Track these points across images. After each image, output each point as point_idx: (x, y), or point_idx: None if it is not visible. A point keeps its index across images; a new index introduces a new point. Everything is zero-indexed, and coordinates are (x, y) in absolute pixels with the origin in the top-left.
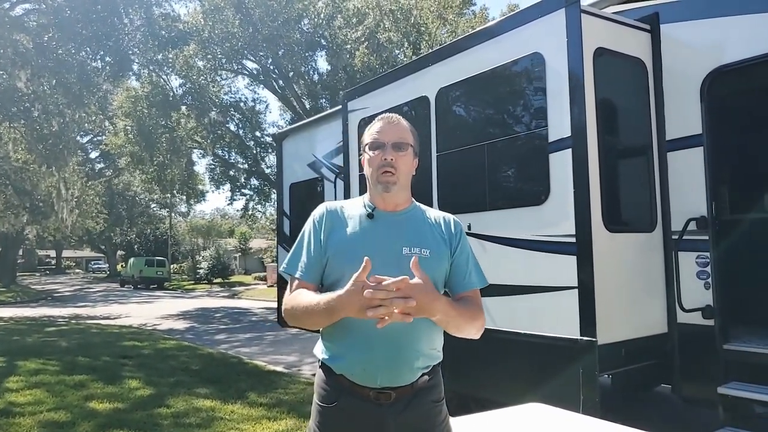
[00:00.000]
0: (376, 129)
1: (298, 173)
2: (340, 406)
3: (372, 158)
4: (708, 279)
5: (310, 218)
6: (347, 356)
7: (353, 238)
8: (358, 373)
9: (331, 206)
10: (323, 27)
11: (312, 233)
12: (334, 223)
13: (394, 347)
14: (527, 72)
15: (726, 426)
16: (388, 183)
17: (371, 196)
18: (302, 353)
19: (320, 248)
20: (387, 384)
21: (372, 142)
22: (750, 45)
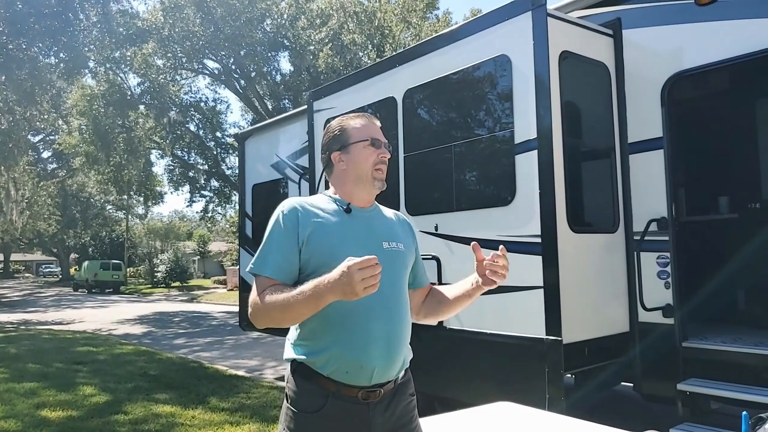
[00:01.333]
0: (367, 126)
1: (262, 174)
2: (325, 413)
3: (369, 154)
4: (668, 278)
5: (276, 215)
6: (343, 356)
7: (334, 234)
8: (353, 371)
9: (299, 202)
10: (286, 27)
11: (284, 230)
12: (310, 219)
13: (390, 339)
14: (494, 74)
15: (685, 422)
16: (382, 179)
17: (345, 193)
18: (264, 357)
19: (296, 246)
20: (379, 380)
21: (374, 138)
22: (706, 52)
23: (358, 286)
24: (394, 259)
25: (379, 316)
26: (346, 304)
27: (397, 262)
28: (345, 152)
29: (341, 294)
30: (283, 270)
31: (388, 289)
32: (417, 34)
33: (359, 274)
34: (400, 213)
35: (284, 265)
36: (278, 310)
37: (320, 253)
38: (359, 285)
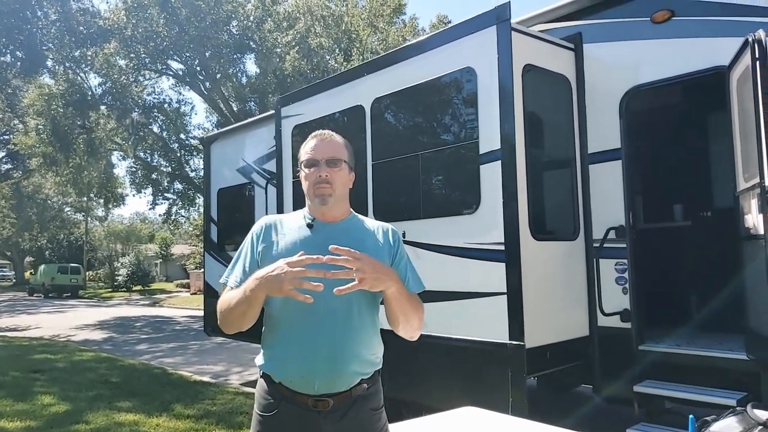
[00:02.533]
0: (310, 146)
1: (227, 178)
2: (279, 415)
3: (308, 175)
4: (625, 284)
5: (251, 230)
6: (287, 363)
7: (292, 248)
8: (297, 380)
9: (270, 219)
10: (252, 30)
11: (249, 246)
12: (272, 236)
13: (333, 353)
14: (460, 85)
15: (641, 422)
16: (324, 195)
17: (310, 209)
18: (229, 363)
19: (255, 260)
20: (324, 391)
21: (307, 159)
22: (662, 68)
23: (285, 284)
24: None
25: (326, 329)
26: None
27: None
28: (301, 171)
29: (267, 288)
30: (243, 282)
31: (336, 303)
32: (384, 38)
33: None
34: (387, 225)
35: (245, 277)
36: (228, 311)
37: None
38: (286, 282)
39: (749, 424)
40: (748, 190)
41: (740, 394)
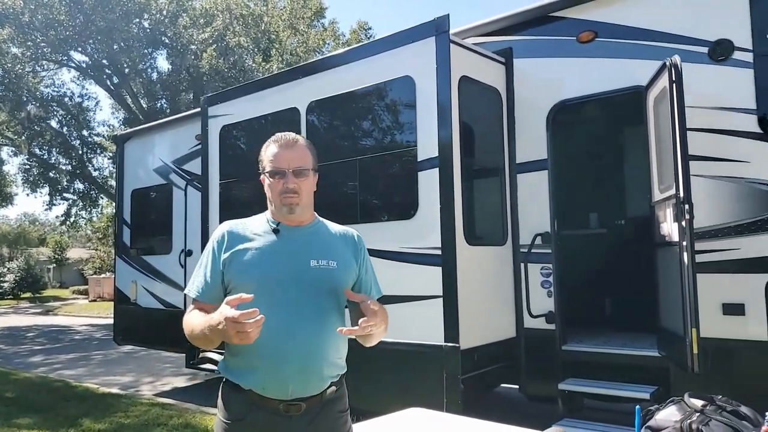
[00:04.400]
0: (274, 154)
1: (143, 178)
2: (247, 421)
3: (273, 184)
4: (550, 287)
5: (211, 238)
6: (258, 371)
7: (259, 255)
8: (269, 386)
9: (232, 225)
10: (166, 25)
11: (210, 254)
12: (236, 241)
13: (306, 356)
14: (398, 93)
15: (565, 418)
16: (291, 205)
17: (274, 213)
18: (139, 372)
19: (219, 269)
20: (298, 395)
21: (272, 170)
22: (586, 85)
23: (234, 338)
24: (321, 278)
25: (296, 333)
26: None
27: (324, 280)
28: (265, 178)
29: (222, 337)
30: (206, 292)
31: (307, 307)
32: (304, 41)
33: (233, 327)
34: (351, 230)
35: (207, 287)
36: (193, 338)
37: (239, 274)
38: (234, 337)
39: (686, 411)
40: (663, 200)
41: (653, 387)
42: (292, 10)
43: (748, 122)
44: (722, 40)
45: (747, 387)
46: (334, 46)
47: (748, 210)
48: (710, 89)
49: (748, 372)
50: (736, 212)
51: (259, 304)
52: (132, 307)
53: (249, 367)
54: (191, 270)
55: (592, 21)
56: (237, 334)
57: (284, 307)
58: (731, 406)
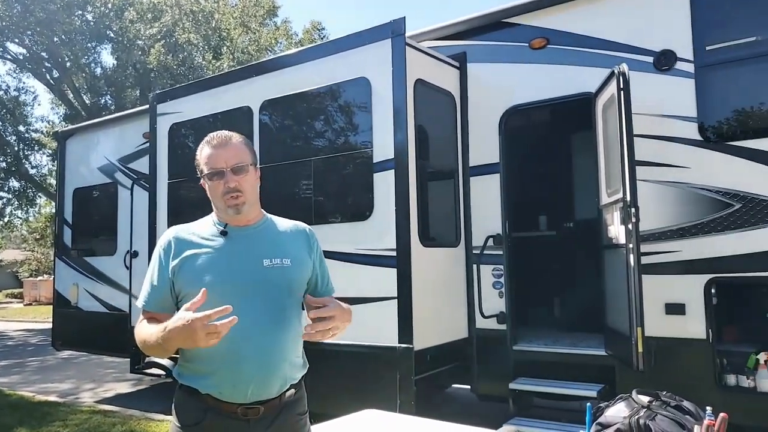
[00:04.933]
0: (208, 155)
1: (86, 177)
2: (204, 427)
3: (214, 186)
4: (502, 288)
5: (156, 247)
6: (215, 375)
7: (209, 259)
8: (227, 390)
9: (178, 231)
10: (111, 18)
11: (158, 262)
12: (184, 248)
13: (264, 360)
14: (354, 95)
15: (515, 417)
16: (237, 206)
17: (220, 216)
18: (79, 379)
19: (167, 277)
20: (257, 398)
21: (210, 171)
22: (537, 90)
23: (200, 341)
24: (275, 277)
25: (252, 335)
26: None
27: (279, 279)
28: (205, 182)
29: (181, 343)
30: (156, 302)
31: (263, 307)
32: (256, 39)
33: (203, 329)
34: (301, 224)
35: (157, 297)
36: (146, 348)
37: (190, 281)
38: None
39: (634, 407)
40: (611, 204)
41: (599, 385)
42: (244, 8)
43: (689, 130)
44: (666, 50)
45: (687, 383)
46: (286, 45)
47: (690, 214)
48: (655, 97)
49: (688, 369)
50: (679, 216)
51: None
52: (73, 311)
53: (206, 371)
54: (137, 271)
55: (544, 28)
56: (207, 335)
57: (239, 310)
58: (675, 401)
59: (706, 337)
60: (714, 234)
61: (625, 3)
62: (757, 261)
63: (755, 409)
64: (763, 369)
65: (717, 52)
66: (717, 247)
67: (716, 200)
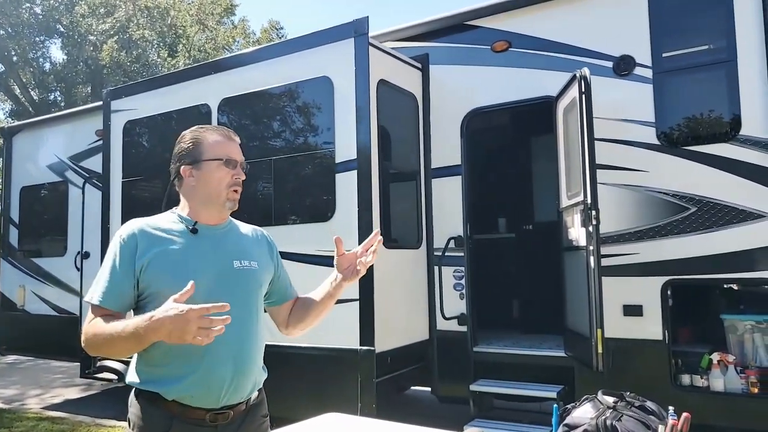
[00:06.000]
0: (222, 144)
1: (33, 175)
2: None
3: (222, 175)
4: (462, 290)
5: (114, 241)
6: (187, 378)
7: (181, 256)
8: (199, 395)
9: (142, 225)
10: (61, 12)
11: (119, 257)
12: (151, 243)
13: (239, 362)
14: (316, 94)
15: (476, 418)
16: (236, 200)
17: (193, 211)
18: (24, 384)
19: (132, 276)
20: (229, 402)
21: (228, 159)
22: (499, 93)
23: (189, 335)
24: (246, 279)
25: (226, 337)
26: None
27: (249, 281)
28: (196, 168)
29: (166, 336)
30: (114, 299)
31: (236, 309)
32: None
33: (197, 322)
34: (259, 229)
35: (116, 294)
36: (105, 345)
37: (161, 280)
38: (191, 333)
39: (600, 407)
40: (571, 206)
41: (559, 387)
42: (200, 6)
43: (647, 134)
44: (625, 56)
45: (644, 383)
46: (243, 44)
47: (647, 217)
48: (615, 102)
49: (645, 369)
50: (637, 219)
51: None
52: (19, 314)
53: (176, 374)
54: (88, 273)
55: (506, 31)
56: (198, 330)
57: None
58: (639, 401)
59: (662, 338)
60: (670, 237)
61: (586, 8)
62: (711, 263)
63: (709, 408)
64: (716, 369)
65: (674, 59)
66: (673, 249)
67: (673, 203)
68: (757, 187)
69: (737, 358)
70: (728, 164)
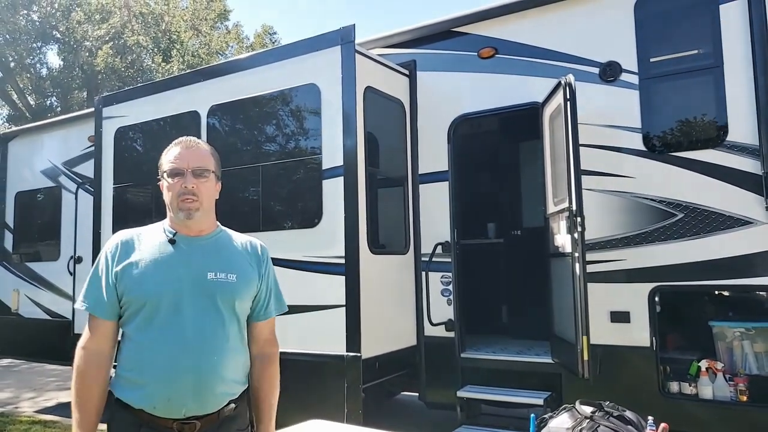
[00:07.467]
0: (174, 155)
1: (28, 180)
2: None
3: (172, 185)
4: (450, 296)
5: (103, 248)
6: (149, 387)
7: (152, 266)
8: (162, 405)
9: (125, 235)
10: (57, 18)
11: (103, 266)
12: (129, 253)
13: (201, 374)
14: (303, 101)
15: (463, 425)
16: (189, 210)
17: (172, 222)
18: (18, 388)
19: (111, 281)
20: (193, 413)
21: (171, 169)
22: (486, 99)
23: None
24: (218, 291)
25: (189, 350)
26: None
27: (222, 294)
28: (163, 181)
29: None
30: (100, 306)
31: (203, 321)
32: (207, 43)
33: None
34: (256, 241)
35: (101, 301)
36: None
37: (130, 287)
38: None
39: (577, 418)
40: (557, 213)
41: (546, 393)
42: (194, 11)
43: (634, 140)
44: (612, 62)
45: (632, 390)
46: (237, 49)
47: (634, 223)
48: (601, 108)
49: (633, 376)
50: (623, 225)
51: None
52: (13, 318)
53: (140, 384)
54: (81, 277)
55: (492, 38)
56: None
57: (178, 323)
58: (617, 411)
59: (650, 345)
60: (657, 243)
61: (572, 14)
62: (699, 270)
63: (697, 415)
64: (705, 376)
65: (660, 65)
66: (660, 256)
67: (660, 210)
68: (745, 193)
69: (726, 366)
70: (715, 170)
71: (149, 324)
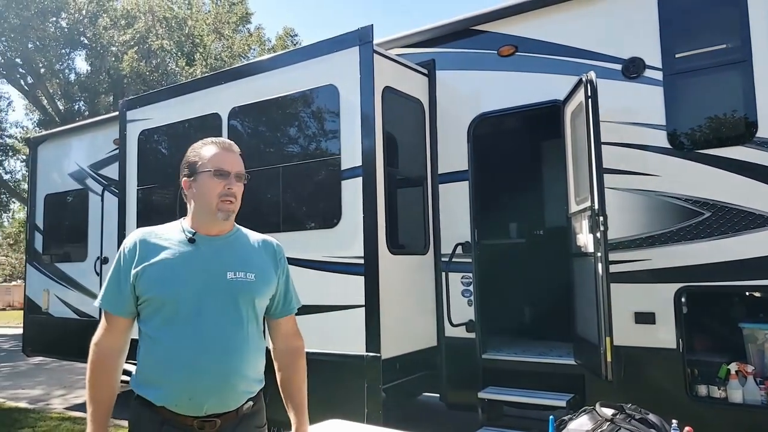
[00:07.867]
0: (216, 155)
1: (57, 183)
2: None
3: (215, 185)
4: (471, 296)
5: (121, 247)
6: (170, 386)
7: (172, 265)
8: (183, 403)
9: (144, 233)
10: (85, 25)
11: (121, 264)
12: (147, 251)
13: (222, 372)
14: (322, 102)
15: (484, 426)
16: (229, 211)
17: (194, 221)
18: (49, 385)
19: (129, 280)
20: (214, 411)
21: (218, 169)
22: (506, 98)
23: None
24: (238, 290)
25: (210, 349)
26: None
27: (242, 293)
28: (194, 180)
29: None
30: (116, 305)
31: (223, 320)
32: (229, 46)
33: None
34: (271, 240)
35: (118, 299)
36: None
37: (150, 287)
38: None
39: (598, 420)
40: (579, 212)
41: (569, 395)
42: (217, 15)
43: (658, 137)
44: (635, 58)
45: (657, 393)
46: (259, 51)
47: (659, 222)
48: (623, 105)
49: (659, 379)
50: (648, 224)
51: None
52: (43, 317)
53: (162, 382)
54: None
55: (512, 36)
56: None
57: (198, 322)
58: (640, 414)
59: (676, 347)
60: (684, 242)
61: (593, 10)
62: (727, 270)
63: (726, 420)
64: (734, 380)
65: (686, 60)
66: (687, 255)
67: (686, 208)
68: None
69: (757, 369)
70: (744, 167)
71: (170, 323)
